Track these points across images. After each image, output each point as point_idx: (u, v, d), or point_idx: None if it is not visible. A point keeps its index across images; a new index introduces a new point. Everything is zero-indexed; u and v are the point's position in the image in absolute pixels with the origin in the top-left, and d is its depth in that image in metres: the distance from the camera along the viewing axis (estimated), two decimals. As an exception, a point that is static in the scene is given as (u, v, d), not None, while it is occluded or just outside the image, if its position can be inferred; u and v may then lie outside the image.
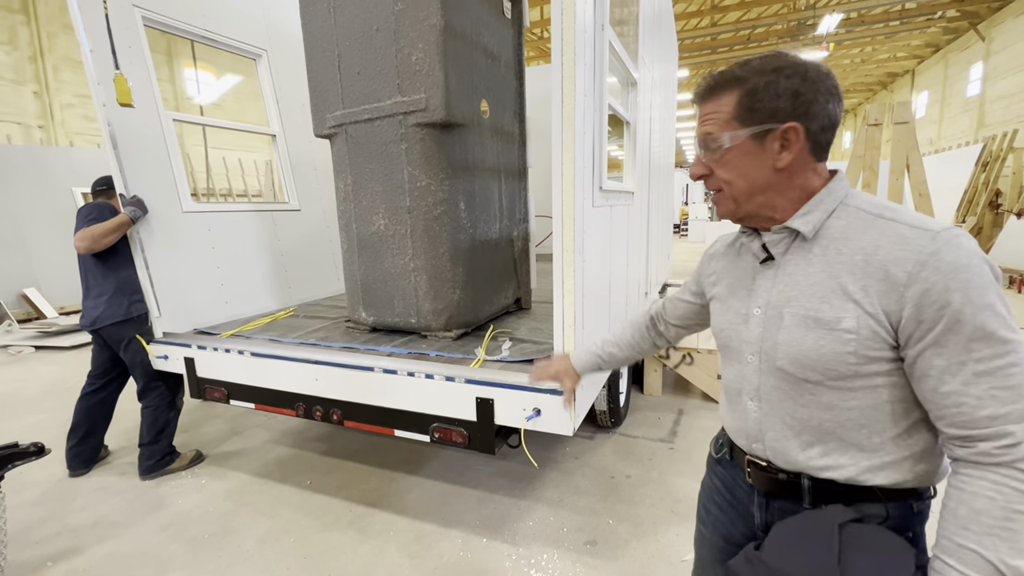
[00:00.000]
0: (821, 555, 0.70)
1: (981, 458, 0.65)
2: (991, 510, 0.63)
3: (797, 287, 0.79)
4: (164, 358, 2.71)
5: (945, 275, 0.65)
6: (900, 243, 0.69)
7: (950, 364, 0.66)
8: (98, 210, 2.65)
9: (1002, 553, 0.62)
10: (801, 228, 0.78)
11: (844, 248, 0.75)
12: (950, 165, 10.66)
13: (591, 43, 1.81)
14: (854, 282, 0.72)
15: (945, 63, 14.33)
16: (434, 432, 2.05)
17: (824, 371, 0.75)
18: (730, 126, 0.78)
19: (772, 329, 0.81)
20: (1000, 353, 0.64)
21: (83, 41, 2.48)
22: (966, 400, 0.65)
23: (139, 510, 2.51)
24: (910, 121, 5.00)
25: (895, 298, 0.69)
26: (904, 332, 0.69)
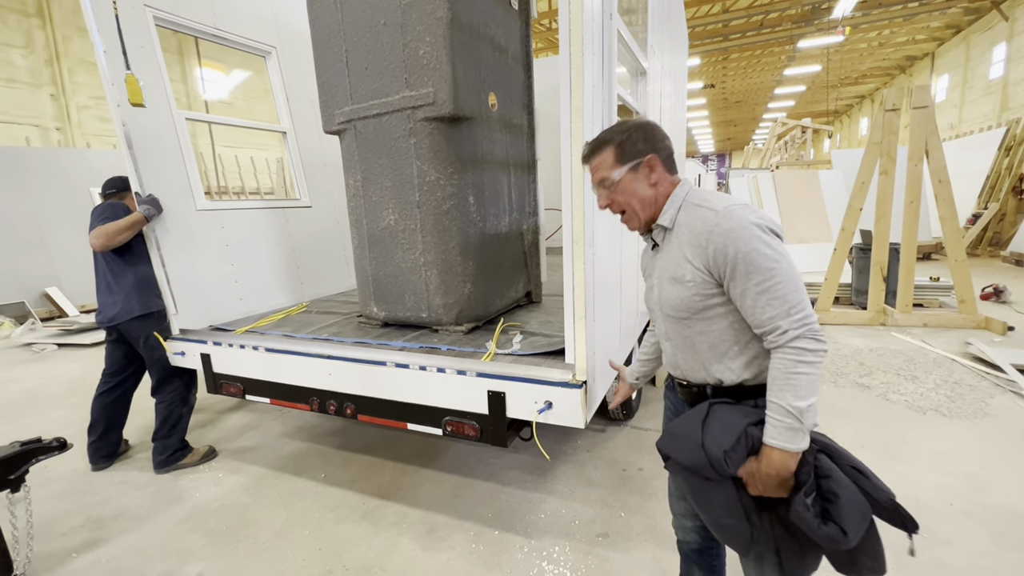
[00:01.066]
0: (697, 417, 1.12)
1: (771, 345, 1.03)
2: (778, 375, 1.01)
3: (667, 260, 1.19)
4: (181, 354, 2.75)
5: (724, 236, 1.04)
6: (702, 221, 1.09)
7: (743, 290, 1.03)
8: (112, 209, 2.70)
9: (788, 399, 0.99)
10: (666, 223, 1.18)
11: (682, 231, 1.14)
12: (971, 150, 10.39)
13: (599, 33, 1.78)
14: (688, 250, 1.12)
15: (966, 45, 13.91)
16: (446, 425, 2.07)
17: (686, 309, 1.15)
18: (615, 167, 1.18)
19: (660, 290, 1.21)
20: (767, 276, 1.00)
21: (97, 42, 2.51)
22: (756, 311, 1.03)
23: (159, 503, 2.56)
24: (929, 105, 4.87)
25: (704, 257, 1.08)
26: (715, 275, 1.08)
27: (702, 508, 1.12)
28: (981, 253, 9.50)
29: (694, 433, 1.09)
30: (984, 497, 2.30)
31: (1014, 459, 2.61)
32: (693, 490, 1.12)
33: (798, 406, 0.98)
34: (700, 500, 1.12)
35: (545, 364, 1.94)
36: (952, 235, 4.91)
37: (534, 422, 1.86)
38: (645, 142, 1.17)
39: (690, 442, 1.09)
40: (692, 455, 1.08)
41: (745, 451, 1.05)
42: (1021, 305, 5.64)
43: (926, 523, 2.14)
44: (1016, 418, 3.04)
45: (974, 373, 3.77)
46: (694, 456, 1.07)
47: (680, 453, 1.11)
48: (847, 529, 0.96)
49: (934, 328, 4.97)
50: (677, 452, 1.13)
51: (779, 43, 15.26)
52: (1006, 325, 4.65)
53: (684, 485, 1.16)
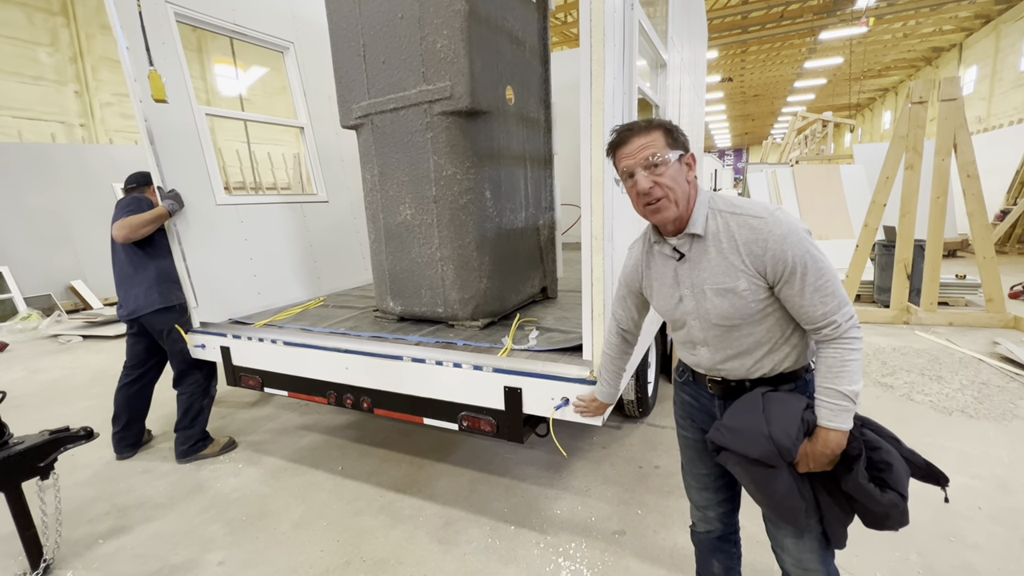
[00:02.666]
0: (754, 409, 1.16)
1: (825, 338, 1.11)
2: (833, 364, 1.09)
3: (706, 271, 1.17)
4: (202, 347, 2.80)
5: (780, 243, 1.07)
6: (750, 229, 1.11)
7: (799, 290, 1.08)
8: (136, 202, 2.74)
9: (844, 385, 1.08)
10: (698, 231, 1.16)
11: (723, 239, 1.14)
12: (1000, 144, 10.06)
13: (620, 23, 1.75)
14: (736, 259, 1.13)
15: (997, 35, 13.45)
16: (462, 420, 2.07)
17: (741, 317, 1.16)
18: (666, 150, 1.12)
19: (701, 301, 1.20)
20: (819, 276, 1.07)
21: (120, 39, 2.55)
22: (811, 308, 1.09)
23: (181, 492, 2.61)
24: (958, 98, 4.72)
25: (761, 264, 1.10)
26: (770, 279, 1.11)
27: (764, 494, 1.15)
28: (1009, 250, 9.22)
29: (759, 425, 1.12)
30: (1013, 501, 2.24)
31: (1045, 462, 2.53)
32: (755, 479, 1.15)
33: (853, 389, 1.07)
34: (762, 487, 1.15)
35: (562, 360, 1.93)
36: (980, 232, 4.77)
37: (551, 418, 1.85)
38: (686, 139, 1.17)
39: (757, 434, 1.11)
40: (761, 447, 1.10)
41: (803, 435, 1.12)
42: (1052, 304, 5.47)
43: (953, 527, 2.09)
44: (1047, 420, 2.95)
45: (1002, 374, 3.66)
46: (763, 448, 1.10)
47: (747, 446, 1.12)
48: (904, 493, 1.07)
49: (960, 327, 4.84)
50: (743, 446, 1.13)
51: (800, 35, 14.93)
52: (1036, 324, 4.51)
53: (744, 475, 1.17)
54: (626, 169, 1.15)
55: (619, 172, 1.19)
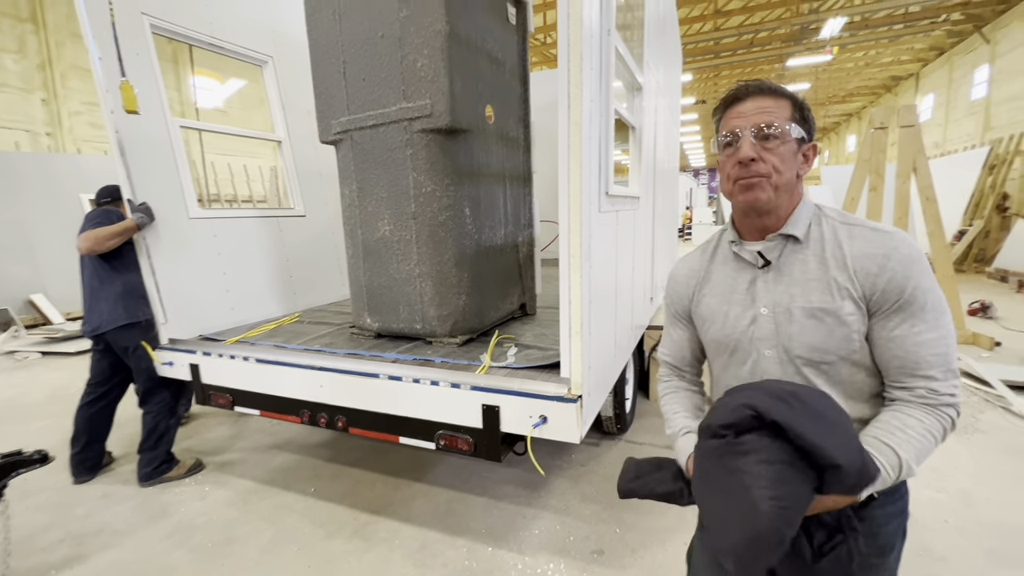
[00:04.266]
0: (833, 407, 0.83)
1: (917, 399, 0.85)
2: (914, 428, 0.83)
3: (798, 285, 0.92)
4: (169, 364, 2.70)
5: (905, 265, 0.85)
6: (868, 242, 0.88)
7: (908, 327, 0.85)
8: (105, 215, 2.66)
9: (905, 450, 0.82)
10: (798, 234, 0.93)
11: (828, 249, 0.91)
12: (956, 168, 10.59)
13: (597, 48, 1.80)
14: (841, 275, 0.89)
15: (950, 66, 14.26)
16: (440, 439, 2.04)
17: (837, 351, 0.89)
18: (789, 123, 0.89)
19: (784, 324, 0.92)
20: (939, 321, 0.85)
21: (92, 49, 2.49)
22: (917, 353, 0.84)
23: (143, 518, 2.50)
24: (916, 125, 4.97)
25: (873, 285, 0.87)
26: (875, 306, 0.87)
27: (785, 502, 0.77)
28: (967, 269, 9.65)
29: (848, 427, 0.80)
30: (977, 513, 2.31)
31: (1004, 475, 2.62)
32: (790, 484, 0.76)
33: (911, 467, 0.82)
34: (791, 496, 0.76)
35: (540, 378, 1.92)
36: (940, 251, 4.99)
37: (529, 437, 1.84)
38: (815, 124, 0.94)
39: (849, 437, 0.79)
40: (851, 453, 0.76)
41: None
42: (1007, 321, 5.73)
43: (922, 540, 2.14)
44: (1005, 433, 3.07)
45: (964, 389, 3.81)
46: (851, 455, 0.76)
47: (837, 443, 0.76)
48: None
49: (923, 343, 5.02)
50: (832, 440, 0.75)
51: (769, 61, 15.56)
52: (993, 340, 4.71)
53: (778, 471, 0.76)
54: (732, 130, 0.90)
55: (719, 135, 0.94)
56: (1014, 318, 5.82)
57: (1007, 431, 3.10)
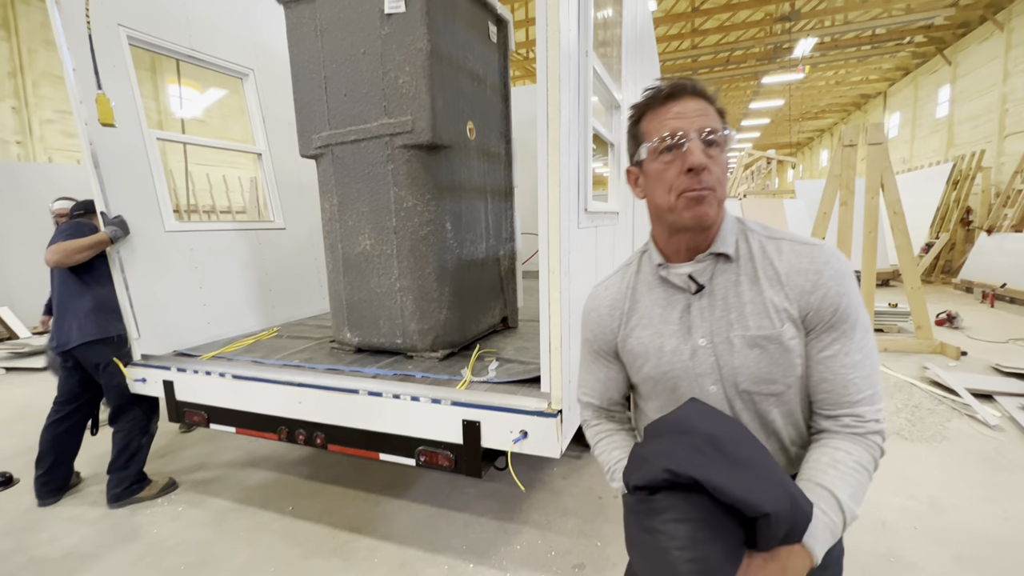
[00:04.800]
0: (759, 447, 0.77)
1: (841, 429, 0.81)
2: (842, 462, 0.78)
3: (734, 310, 0.84)
4: (142, 381, 2.64)
5: (837, 281, 0.80)
6: (798, 256, 0.82)
7: (841, 349, 0.80)
8: (77, 227, 2.61)
9: (843, 492, 0.76)
10: (729, 252, 0.85)
11: (759, 266, 0.84)
12: (923, 183, 11.01)
13: (575, 69, 1.84)
14: (778, 295, 0.82)
15: (915, 86, 14.88)
16: (420, 456, 2.03)
17: (784, 379, 0.83)
18: (725, 126, 0.81)
19: (725, 356, 0.84)
20: (865, 343, 0.80)
21: (66, 60, 2.46)
22: (845, 377, 0.79)
23: (111, 541, 2.41)
24: (883, 142, 5.16)
25: (807, 303, 0.81)
26: (809, 325, 0.82)
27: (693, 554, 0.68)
28: (935, 280, 9.99)
29: (774, 469, 0.71)
30: (945, 520, 2.38)
31: (971, 482, 2.70)
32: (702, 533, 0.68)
33: (853, 509, 0.76)
34: (698, 545, 0.67)
35: (520, 392, 1.93)
36: (908, 264, 5.16)
37: (509, 452, 1.84)
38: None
39: (775, 480, 0.69)
40: (776, 498, 0.67)
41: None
42: (972, 331, 5.93)
43: (893, 547, 2.19)
44: (971, 441, 3.17)
45: (932, 397, 3.93)
46: (777, 500, 0.67)
47: (754, 487, 0.67)
48: None
49: (894, 353, 5.17)
50: (747, 485, 0.67)
51: (744, 78, 16.04)
52: (959, 350, 4.87)
53: (692, 525, 0.68)
54: (673, 133, 0.78)
55: (650, 139, 0.82)
56: (979, 328, 6.04)
57: (973, 439, 3.20)
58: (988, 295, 7.55)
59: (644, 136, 0.84)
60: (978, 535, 2.25)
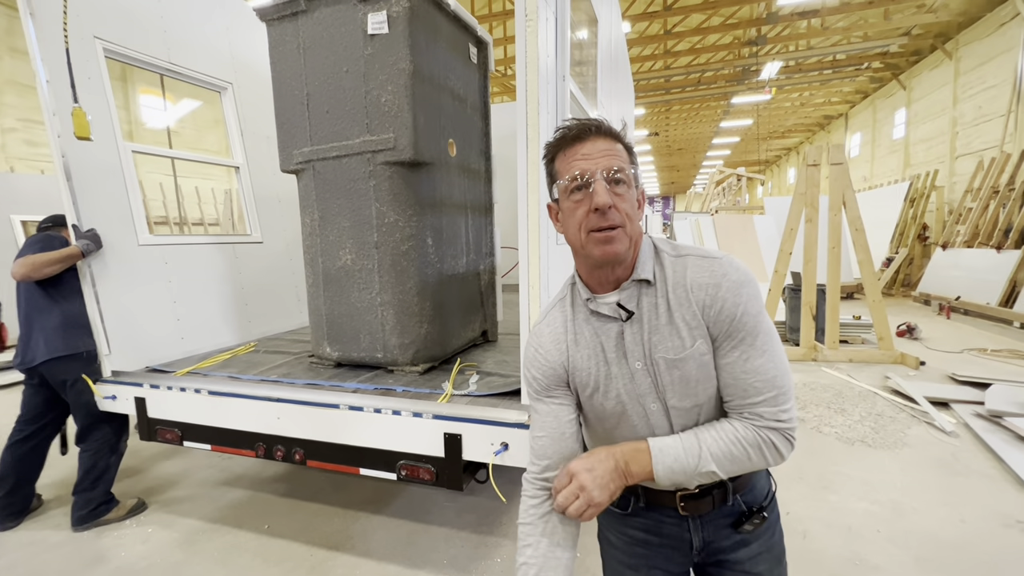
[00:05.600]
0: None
1: (741, 418, 0.87)
2: (727, 432, 0.86)
3: (657, 332, 0.89)
4: (112, 398, 2.57)
5: (734, 292, 0.85)
6: (700, 270, 0.87)
7: (743, 353, 0.85)
8: (47, 240, 2.55)
9: (709, 447, 0.85)
10: (648, 277, 0.89)
11: (672, 287, 0.89)
12: (883, 200, 11.56)
13: (553, 93, 1.92)
14: (688, 312, 0.87)
15: (873, 108, 15.69)
16: (401, 470, 2.03)
17: (705, 392, 0.89)
18: (631, 165, 0.88)
19: (657, 375, 0.90)
20: (768, 343, 0.86)
21: (39, 72, 2.42)
22: (748, 381, 0.85)
23: (76, 565, 2.32)
24: (844, 162, 5.44)
25: (708, 315, 0.86)
26: (712, 335, 0.87)
27: None
28: (895, 293, 10.45)
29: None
30: (906, 523, 2.49)
31: (930, 486, 2.84)
32: None
33: (709, 462, 0.85)
34: None
35: (501, 405, 1.96)
36: (869, 278, 5.41)
37: (491, 464, 1.87)
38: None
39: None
40: None
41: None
42: (930, 341, 6.23)
43: (857, 550, 2.28)
44: (930, 447, 3.33)
45: (893, 405, 4.10)
46: None
47: None
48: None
49: (858, 363, 5.38)
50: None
51: (715, 98, 16.65)
52: (919, 360, 5.11)
53: None
54: (581, 174, 0.83)
55: (561, 178, 0.86)
56: (937, 339, 6.34)
57: (932, 445, 3.36)
58: (944, 307, 7.93)
59: (556, 175, 0.89)
60: (937, 537, 2.37)
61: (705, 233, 10.09)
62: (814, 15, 10.76)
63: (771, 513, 1.03)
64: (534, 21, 1.69)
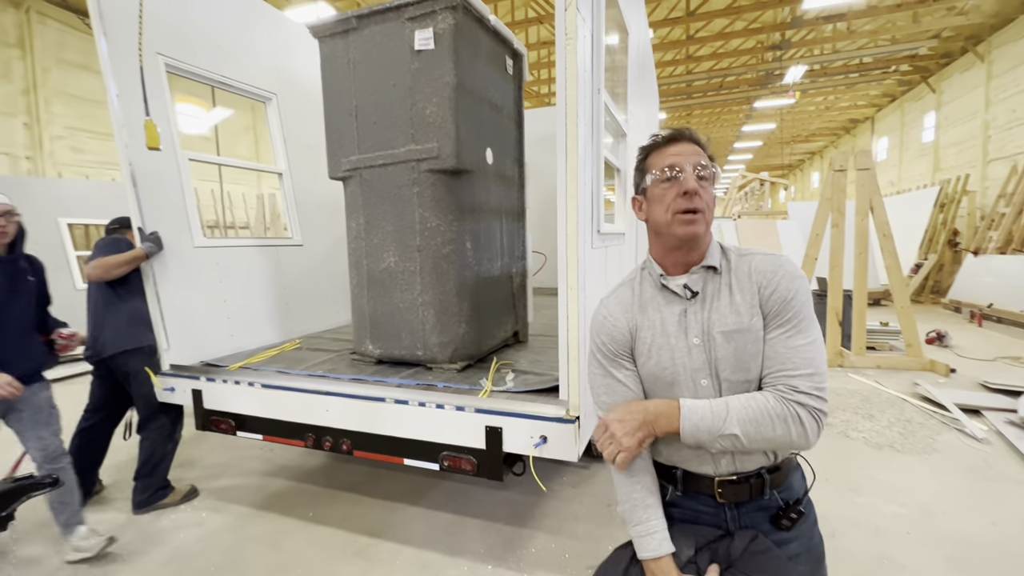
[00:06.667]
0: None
1: (773, 390, 0.96)
2: (756, 400, 0.94)
3: (717, 311, 1.02)
4: (171, 390, 2.75)
5: (789, 280, 0.99)
6: (764, 261, 1.03)
7: (787, 331, 0.98)
8: (114, 243, 2.75)
9: (737, 412, 0.94)
10: (716, 264, 1.05)
11: (735, 275, 1.04)
12: (911, 205, 11.35)
13: (589, 106, 2.03)
14: (748, 294, 1.02)
15: (902, 112, 15.39)
16: (444, 460, 2.15)
17: (755, 367, 0.99)
18: (712, 168, 1.04)
19: (713, 351, 1.01)
20: (810, 329, 0.98)
21: (110, 87, 2.62)
22: (787, 355, 0.96)
23: (139, 545, 2.50)
24: (871, 168, 5.41)
25: (761, 296, 1.00)
26: (764, 312, 1.00)
27: None
28: (924, 300, 10.24)
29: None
30: (935, 526, 2.51)
31: (960, 491, 2.84)
32: None
33: (734, 426, 0.92)
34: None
35: (540, 400, 2.07)
36: (897, 284, 5.37)
37: (531, 456, 1.97)
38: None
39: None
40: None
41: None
42: (961, 349, 6.13)
43: (886, 550, 2.32)
44: (960, 453, 3.32)
45: (922, 412, 4.08)
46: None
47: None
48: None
49: (886, 370, 5.34)
50: None
51: (737, 103, 16.53)
52: (949, 367, 5.05)
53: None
54: (673, 165, 1.01)
55: (656, 170, 1.04)
56: (968, 346, 6.23)
57: (963, 451, 3.35)
58: (976, 315, 7.77)
59: (649, 168, 1.07)
60: (967, 539, 2.39)
61: (727, 239, 10.05)
62: (840, 19, 10.66)
63: (808, 511, 1.07)
64: (574, 40, 1.80)
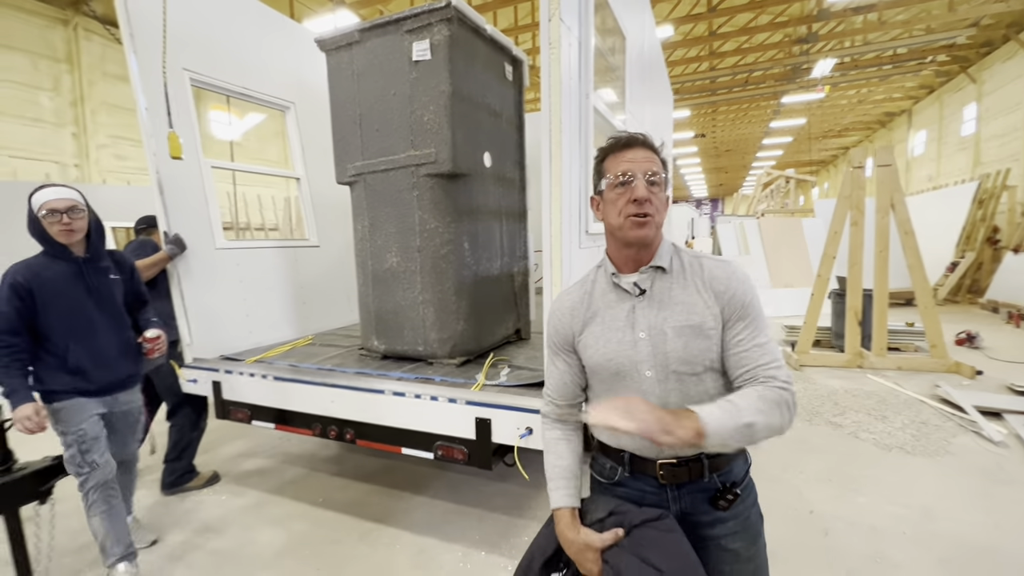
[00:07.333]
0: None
1: (756, 383, 1.02)
2: (751, 394, 1.00)
3: (668, 308, 1.09)
4: (193, 381, 2.96)
5: (742, 284, 1.08)
6: (717, 266, 1.11)
7: (750, 334, 1.06)
8: (142, 247, 2.98)
9: (743, 404, 0.97)
10: (665, 265, 1.12)
11: (688, 275, 1.11)
12: (949, 201, 10.89)
13: (576, 111, 2.11)
14: (702, 294, 1.09)
15: (940, 104, 14.75)
16: (437, 449, 2.27)
17: (703, 361, 1.07)
18: (663, 173, 1.10)
19: (660, 344, 1.08)
20: (767, 329, 1.07)
21: (140, 100, 2.85)
22: (758, 354, 1.04)
23: (166, 522, 2.71)
24: (892, 164, 5.27)
25: (721, 302, 1.07)
26: (725, 317, 1.07)
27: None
28: (961, 300, 9.82)
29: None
30: (935, 527, 2.49)
31: (968, 493, 2.79)
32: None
33: (744, 414, 0.96)
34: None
35: (528, 394, 2.16)
36: (920, 283, 5.21)
37: (516, 446, 2.07)
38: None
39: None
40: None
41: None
42: (993, 351, 5.89)
43: (880, 549, 2.32)
44: (974, 455, 3.24)
45: (941, 414, 3.98)
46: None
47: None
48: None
49: (907, 371, 5.19)
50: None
51: (764, 98, 16.14)
52: (975, 369, 4.88)
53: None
54: (626, 172, 1.07)
55: (609, 175, 1.10)
56: (1001, 348, 5.99)
57: (976, 453, 3.27)
58: (1014, 315, 7.43)
59: (605, 172, 1.13)
60: (965, 541, 2.36)
61: (750, 237, 9.88)
62: (870, 9, 10.31)
63: (746, 493, 1.14)
64: (557, 49, 1.89)
